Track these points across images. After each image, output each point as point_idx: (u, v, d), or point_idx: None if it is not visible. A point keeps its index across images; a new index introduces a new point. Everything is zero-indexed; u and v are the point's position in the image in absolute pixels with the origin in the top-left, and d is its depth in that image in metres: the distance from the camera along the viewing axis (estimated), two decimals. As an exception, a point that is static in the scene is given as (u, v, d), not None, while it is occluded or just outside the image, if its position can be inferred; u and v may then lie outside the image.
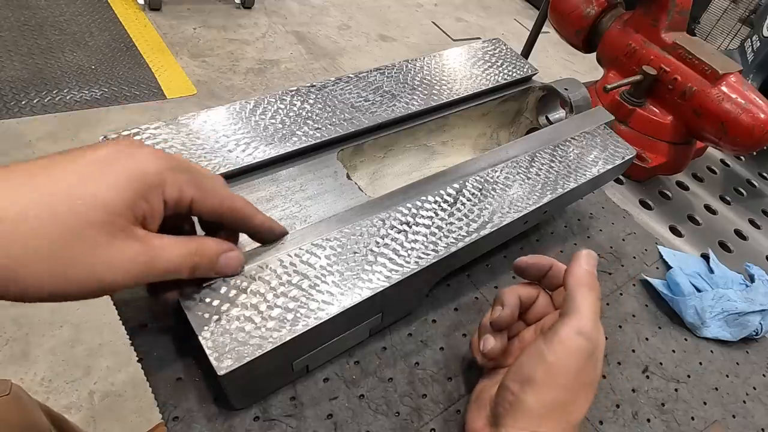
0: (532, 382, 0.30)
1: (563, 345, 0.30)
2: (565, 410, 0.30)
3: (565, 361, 0.30)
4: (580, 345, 0.30)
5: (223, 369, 0.29)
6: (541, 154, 0.48)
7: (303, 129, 0.44)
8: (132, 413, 1.11)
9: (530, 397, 0.29)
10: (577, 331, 0.30)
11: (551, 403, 0.29)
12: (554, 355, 0.30)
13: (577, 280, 0.33)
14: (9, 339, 1.16)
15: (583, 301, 0.31)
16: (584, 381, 0.30)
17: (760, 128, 0.62)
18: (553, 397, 0.29)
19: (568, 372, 0.30)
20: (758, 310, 0.55)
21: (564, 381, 0.29)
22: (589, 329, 0.30)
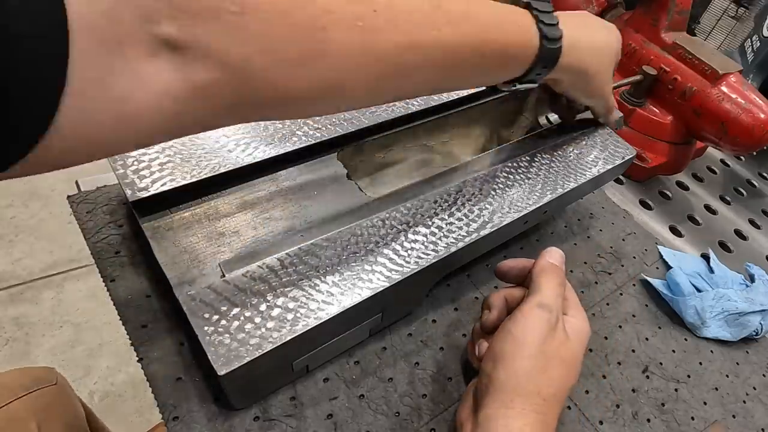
0: (502, 357, 0.32)
1: (524, 317, 0.33)
2: (534, 381, 0.31)
3: (527, 331, 0.32)
4: (540, 315, 0.32)
5: (223, 369, 0.29)
6: (541, 154, 0.48)
7: (303, 129, 0.44)
8: (132, 413, 1.11)
9: (501, 372, 0.31)
10: (538, 304, 0.33)
11: (520, 373, 0.31)
12: (516, 326, 0.32)
13: (540, 268, 0.36)
14: (9, 339, 1.16)
15: (545, 282, 0.35)
16: (551, 353, 0.32)
17: (760, 128, 0.62)
18: (520, 366, 0.31)
19: (532, 341, 0.31)
20: (758, 310, 0.55)
21: (529, 351, 0.31)
22: (548, 301, 0.33)
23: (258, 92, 0.22)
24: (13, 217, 1.39)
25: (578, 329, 0.34)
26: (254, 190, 0.40)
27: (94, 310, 1.25)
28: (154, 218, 0.37)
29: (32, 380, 0.56)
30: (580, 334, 0.34)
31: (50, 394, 0.56)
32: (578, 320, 0.35)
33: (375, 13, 0.25)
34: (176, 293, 0.33)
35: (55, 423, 0.55)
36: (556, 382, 0.31)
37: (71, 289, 1.28)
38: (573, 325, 0.34)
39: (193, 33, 0.19)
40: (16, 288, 1.25)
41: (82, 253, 1.33)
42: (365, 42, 0.24)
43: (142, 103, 0.19)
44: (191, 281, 0.34)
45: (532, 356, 0.31)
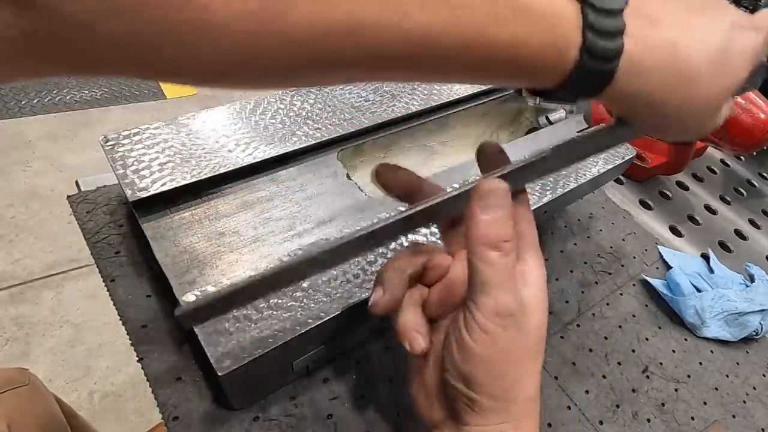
0: (474, 380, 0.27)
1: (486, 333, 0.26)
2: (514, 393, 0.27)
3: (495, 350, 0.26)
4: (503, 325, 0.26)
5: (223, 369, 0.29)
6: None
7: (303, 129, 0.44)
8: (132, 413, 1.11)
9: (481, 396, 0.27)
10: (495, 311, 0.26)
11: (501, 393, 0.27)
12: (481, 347, 0.26)
13: (475, 242, 0.26)
14: (9, 339, 1.16)
15: (488, 269, 0.26)
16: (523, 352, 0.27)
17: (760, 128, 0.62)
18: (500, 387, 0.27)
19: (504, 357, 0.26)
20: (758, 310, 0.55)
21: (504, 365, 0.27)
22: (507, 302, 0.26)
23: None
24: (13, 217, 1.39)
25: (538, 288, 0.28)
26: (254, 190, 0.40)
27: (94, 310, 1.25)
28: (154, 218, 0.37)
29: (3, 382, 0.56)
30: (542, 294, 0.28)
31: (22, 395, 0.56)
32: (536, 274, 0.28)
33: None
34: (176, 293, 0.33)
35: (28, 423, 0.54)
36: (533, 380, 0.28)
37: (71, 289, 1.28)
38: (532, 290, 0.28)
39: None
40: (16, 288, 1.25)
41: (82, 253, 1.33)
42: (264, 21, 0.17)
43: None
44: (191, 281, 0.34)
45: (505, 373, 0.27)
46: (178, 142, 0.40)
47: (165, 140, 0.40)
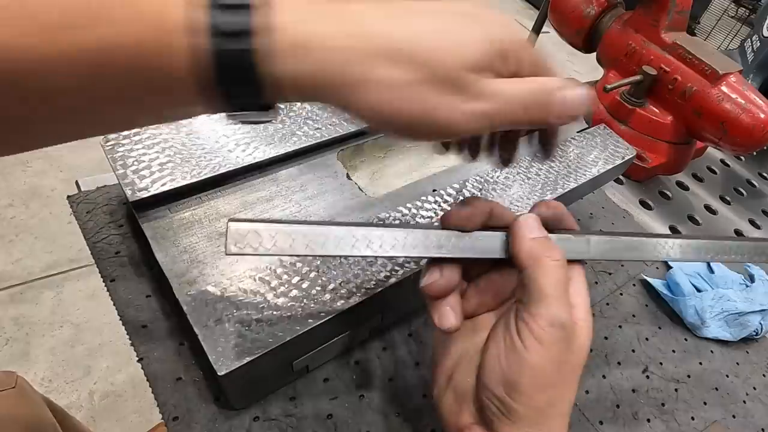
0: (518, 389, 0.27)
1: (541, 343, 0.26)
2: (559, 401, 0.28)
3: (547, 361, 0.26)
4: (556, 337, 0.26)
5: (223, 369, 0.29)
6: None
7: (303, 129, 0.44)
8: (132, 413, 1.11)
9: (520, 405, 0.27)
10: (550, 322, 0.26)
11: (543, 402, 0.27)
12: (534, 356, 0.26)
13: (529, 255, 0.27)
14: (9, 339, 1.16)
15: (545, 280, 0.26)
16: (569, 369, 0.27)
17: (760, 128, 0.62)
18: (544, 399, 0.27)
19: (553, 370, 0.27)
20: (758, 310, 0.55)
21: (551, 379, 0.27)
22: (561, 315, 0.26)
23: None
24: (13, 217, 1.39)
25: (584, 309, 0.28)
26: (254, 190, 0.40)
27: (94, 310, 1.25)
28: (154, 218, 0.37)
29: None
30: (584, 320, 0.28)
31: (7, 398, 0.55)
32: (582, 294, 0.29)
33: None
34: (176, 293, 0.33)
35: (13, 426, 0.54)
36: (571, 397, 0.28)
37: (71, 289, 1.28)
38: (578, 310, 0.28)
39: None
40: (16, 288, 1.25)
41: (82, 253, 1.33)
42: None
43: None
44: (191, 281, 0.34)
45: (552, 386, 0.27)
46: (178, 142, 0.40)
47: (165, 140, 0.40)
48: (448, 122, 0.23)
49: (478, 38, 0.23)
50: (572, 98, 0.25)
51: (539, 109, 0.25)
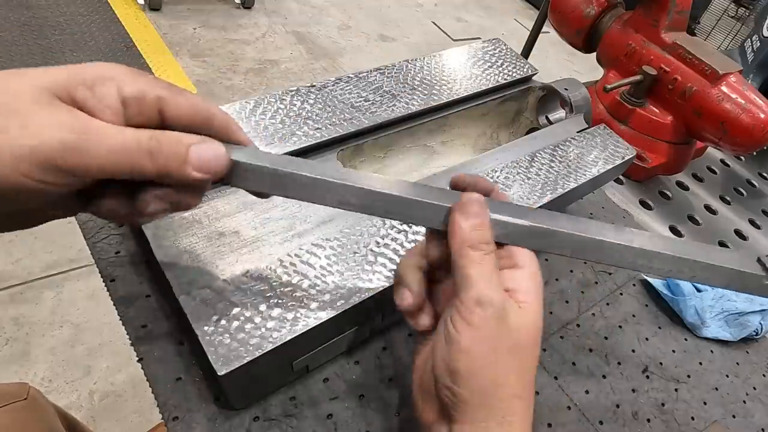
0: (458, 373, 0.27)
1: (468, 325, 0.27)
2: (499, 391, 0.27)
3: (477, 341, 0.27)
4: (484, 316, 0.27)
5: (223, 369, 0.29)
6: (541, 154, 0.48)
7: (303, 129, 0.44)
8: (132, 413, 1.11)
9: (464, 389, 0.27)
10: (476, 302, 0.27)
11: (483, 389, 0.27)
12: (464, 338, 0.27)
13: (459, 243, 0.28)
14: (9, 339, 1.16)
15: (472, 267, 0.27)
16: (505, 347, 0.27)
17: (760, 128, 0.62)
18: (484, 380, 0.27)
19: (486, 350, 0.27)
20: (758, 310, 0.55)
21: (482, 362, 0.27)
22: (487, 294, 0.27)
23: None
24: (13, 217, 1.39)
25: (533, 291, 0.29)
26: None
27: (94, 310, 1.25)
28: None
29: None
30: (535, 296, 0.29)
31: (18, 410, 0.55)
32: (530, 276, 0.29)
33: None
34: (176, 293, 0.33)
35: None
36: (520, 378, 0.28)
37: (71, 289, 1.28)
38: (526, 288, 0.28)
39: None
40: (16, 288, 1.25)
41: (82, 253, 1.33)
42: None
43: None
44: (191, 281, 0.34)
45: (489, 365, 0.27)
46: (178, 142, 0.40)
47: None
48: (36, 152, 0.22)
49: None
50: (210, 151, 0.26)
51: (163, 158, 0.25)
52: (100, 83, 0.24)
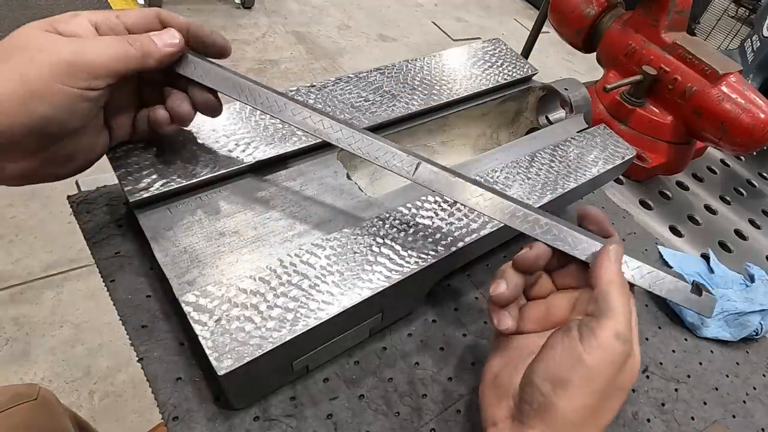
0: (567, 385, 0.28)
1: (602, 348, 0.28)
2: (597, 415, 0.29)
3: (603, 366, 0.28)
4: (618, 349, 0.29)
5: (223, 369, 0.29)
6: (541, 154, 0.48)
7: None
8: (132, 413, 1.11)
9: (563, 401, 0.28)
10: (615, 334, 0.29)
11: (584, 409, 0.28)
12: (593, 358, 0.28)
13: (609, 278, 0.31)
14: (9, 339, 1.16)
15: (618, 302, 0.30)
16: (618, 386, 0.29)
17: (760, 128, 0.62)
18: (587, 403, 0.28)
19: (606, 377, 0.28)
20: (758, 310, 0.55)
21: (600, 386, 0.28)
22: (626, 332, 0.29)
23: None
24: (13, 217, 1.39)
25: (638, 361, 0.31)
26: (254, 190, 0.40)
27: (94, 310, 1.25)
28: (154, 218, 0.37)
29: (9, 397, 0.55)
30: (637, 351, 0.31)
31: (28, 410, 0.55)
32: (635, 338, 0.31)
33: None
34: (176, 293, 0.33)
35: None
36: (615, 410, 0.30)
37: (71, 289, 1.28)
38: (636, 355, 0.31)
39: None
40: (16, 288, 1.25)
41: (82, 253, 1.33)
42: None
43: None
44: (191, 281, 0.34)
45: (602, 393, 0.28)
46: (178, 142, 0.40)
47: (165, 140, 0.40)
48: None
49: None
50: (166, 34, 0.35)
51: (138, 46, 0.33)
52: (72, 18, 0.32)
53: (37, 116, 0.29)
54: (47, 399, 0.59)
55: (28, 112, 0.28)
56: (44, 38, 0.30)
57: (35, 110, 0.28)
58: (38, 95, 0.28)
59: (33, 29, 0.30)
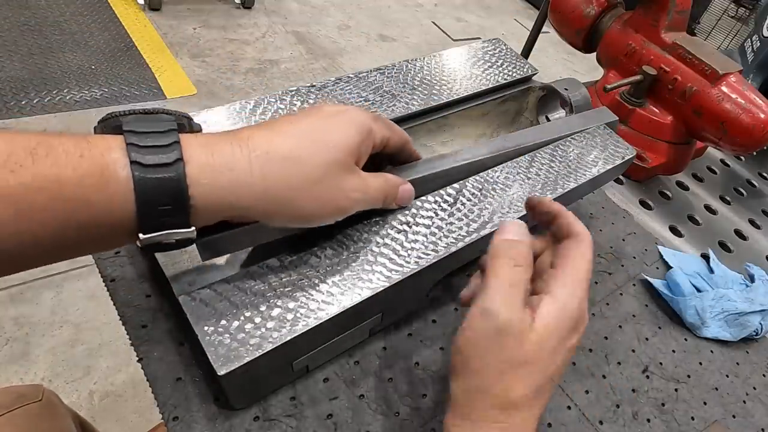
0: (453, 370, 0.29)
1: (469, 327, 0.28)
2: (487, 395, 0.28)
3: (470, 346, 0.28)
4: (482, 326, 0.28)
5: (223, 369, 0.29)
6: (541, 154, 0.48)
7: (303, 129, 0.44)
8: (132, 413, 1.11)
9: (453, 385, 0.29)
10: (481, 310, 0.28)
11: (470, 389, 0.28)
12: (461, 338, 0.28)
13: (492, 252, 0.30)
14: (9, 339, 1.16)
15: (492, 276, 0.29)
16: (495, 360, 0.27)
17: (760, 128, 0.62)
18: (469, 383, 0.28)
19: (474, 355, 0.28)
20: (758, 310, 0.55)
21: (473, 365, 0.28)
22: (493, 305, 0.28)
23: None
24: (13, 217, 1.39)
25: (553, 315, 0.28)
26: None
27: (94, 310, 1.25)
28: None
29: (14, 398, 0.55)
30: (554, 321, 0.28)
31: (32, 411, 0.55)
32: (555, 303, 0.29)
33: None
34: (176, 293, 0.33)
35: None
36: (518, 388, 0.28)
37: (71, 289, 1.28)
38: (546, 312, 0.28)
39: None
40: (16, 288, 1.25)
41: (82, 253, 1.33)
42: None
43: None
44: (191, 281, 0.34)
45: (479, 370, 0.28)
46: (178, 142, 0.40)
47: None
48: (344, 209, 0.33)
49: (349, 128, 0.32)
50: (407, 192, 0.38)
51: (389, 199, 0.37)
52: (368, 137, 0.33)
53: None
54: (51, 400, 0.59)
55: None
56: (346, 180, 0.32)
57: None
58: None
59: (338, 162, 0.31)
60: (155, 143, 0.25)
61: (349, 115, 0.32)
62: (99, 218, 0.25)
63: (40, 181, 0.23)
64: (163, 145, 0.25)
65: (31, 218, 0.23)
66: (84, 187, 0.24)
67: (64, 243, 0.25)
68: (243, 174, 0.28)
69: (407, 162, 0.41)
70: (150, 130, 0.26)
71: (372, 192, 0.34)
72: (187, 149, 0.26)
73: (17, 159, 0.23)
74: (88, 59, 1.95)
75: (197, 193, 0.26)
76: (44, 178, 0.23)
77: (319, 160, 0.30)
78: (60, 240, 0.25)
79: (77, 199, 0.24)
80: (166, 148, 0.25)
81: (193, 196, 0.26)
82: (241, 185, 0.28)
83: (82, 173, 0.24)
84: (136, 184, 0.24)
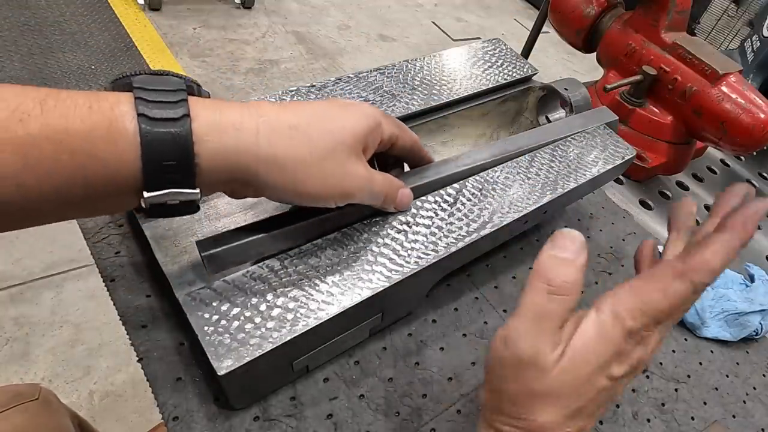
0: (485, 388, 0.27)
1: (492, 348, 0.26)
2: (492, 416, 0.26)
3: (492, 368, 0.26)
4: (502, 354, 0.25)
5: (223, 369, 0.29)
6: (541, 154, 0.48)
7: (303, 129, 0.44)
8: (132, 413, 1.11)
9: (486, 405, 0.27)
10: (502, 337, 0.25)
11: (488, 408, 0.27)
12: (486, 359, 0.27)
13: (534, 268, 0.25)
14: (9, 339, 1.16)
15: (522, 299, 0.25)
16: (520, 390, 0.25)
17: (760, 128, 0.62)
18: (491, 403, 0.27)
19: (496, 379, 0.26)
20: (758, 310, 0.55)
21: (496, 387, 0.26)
22: (514, 334, 0.25)
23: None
24: (13, 217, 1.39)
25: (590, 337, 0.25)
26: (254, 190, 0.40)
27: (94, 310, 1.25)
28: (154, 218, 0.37)
29: (10, 397, 0.55)
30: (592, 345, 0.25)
31: (29, 410, 0.55)
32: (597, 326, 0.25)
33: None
34: (176, 293, 0.33)
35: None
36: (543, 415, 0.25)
37: (71, 289, 1.28)
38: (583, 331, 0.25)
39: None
40: (16, 288, 1.25)
41: (82, 253, 1.33)
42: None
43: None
44: (191, 281, 0.34)
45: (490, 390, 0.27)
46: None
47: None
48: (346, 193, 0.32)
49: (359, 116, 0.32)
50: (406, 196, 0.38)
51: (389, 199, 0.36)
52: (376, 129, 0.33)
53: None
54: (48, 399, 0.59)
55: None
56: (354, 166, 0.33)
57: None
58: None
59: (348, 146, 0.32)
60: (163, 99, 0.25)
61: (360, 106, 0.33)
62: (105, 174, 0.25)
63: (48, 131, 0.23)
64: (171, 102, 0.25)
65: (38, 170, 0.23)
66: (91, 141, 0.24)
67: (69, 199, 0.25)
68: (250, 136, 0.27)
69: (420, 165, 0.42)
70: (159, 88, 0.26)
71: (375, 185, 0.34)
72: (194, 107, 0.26)
73: (26, 109, 0.23)
74: (88, 59, 1.95)
75: (203, 151, 0.26)
76: (52, 129, 0.23)
77: (327, 138, 0.30)
78: (65, 195, 0.24)
79: (84, 153, 0.24)
80: (173, 104, 0.25)
81: (198, 154, 0.26)
82: (248, 147, 0.27)
83: (90, 125, 0.24)
84: (142, 138, 0.24)
